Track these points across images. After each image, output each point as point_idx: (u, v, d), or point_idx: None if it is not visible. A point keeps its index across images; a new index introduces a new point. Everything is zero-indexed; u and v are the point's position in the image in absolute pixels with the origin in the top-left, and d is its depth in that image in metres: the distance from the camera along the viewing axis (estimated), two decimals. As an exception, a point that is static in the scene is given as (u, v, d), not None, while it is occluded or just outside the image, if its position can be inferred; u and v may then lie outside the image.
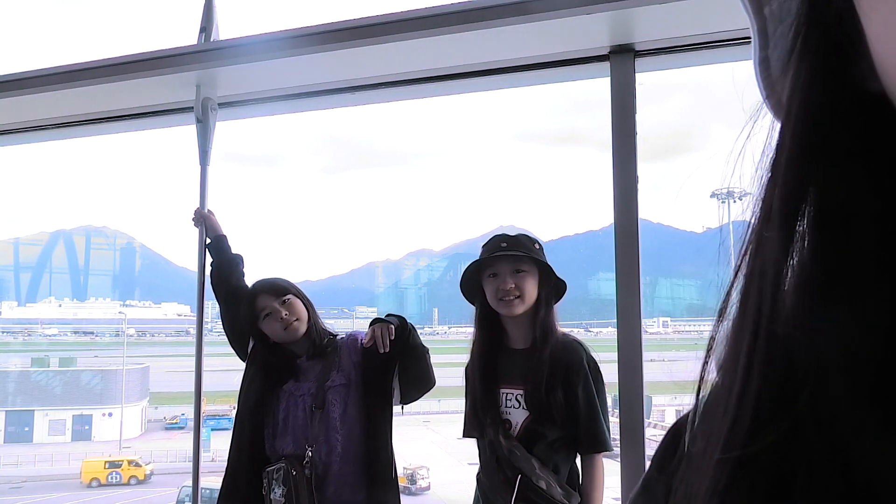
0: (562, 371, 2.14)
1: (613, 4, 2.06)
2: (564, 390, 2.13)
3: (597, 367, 2.19)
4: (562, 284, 2.26)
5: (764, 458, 0.31)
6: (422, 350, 2.41)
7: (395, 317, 2.42)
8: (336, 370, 2.41)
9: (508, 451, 2.13)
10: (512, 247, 2.21)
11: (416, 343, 2.40)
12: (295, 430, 2.37)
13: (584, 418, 2.12)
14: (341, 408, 2.37)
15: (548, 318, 2.21)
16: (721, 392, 0.34)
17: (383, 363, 2.38)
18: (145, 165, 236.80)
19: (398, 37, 2.28)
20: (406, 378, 2.42)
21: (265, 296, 2.46)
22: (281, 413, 2.41)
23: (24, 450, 29.69)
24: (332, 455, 2.33)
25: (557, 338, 2.21)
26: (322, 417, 2.36)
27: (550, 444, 2.13)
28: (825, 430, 0.30)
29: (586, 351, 2.21)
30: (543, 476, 2.08)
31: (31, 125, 3.18)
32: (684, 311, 75.86)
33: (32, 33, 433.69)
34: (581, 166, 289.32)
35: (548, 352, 2.16)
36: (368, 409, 2.40)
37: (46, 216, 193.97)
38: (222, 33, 2.72)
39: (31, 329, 64.16)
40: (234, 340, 2.60)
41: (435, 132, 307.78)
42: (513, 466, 2.11)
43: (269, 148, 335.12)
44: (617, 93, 2.32)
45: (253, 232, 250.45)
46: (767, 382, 0.31)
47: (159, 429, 34.08)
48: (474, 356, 2.29)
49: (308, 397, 2.39)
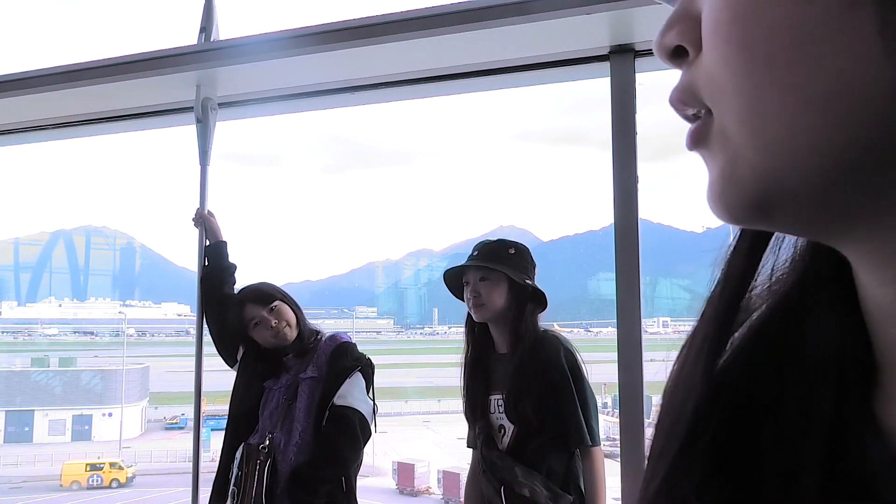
0: (534, 371, 2.17)
1: (613, 4, 2.06)
2: (542, 389, 2.15)
3: (575, 361, 2.20)
4: (538, 290, 2.29)
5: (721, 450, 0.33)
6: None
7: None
8: (312, 364, 2.44)
9: (491, 463, 2.18)
10: (480, 256, 2.29)
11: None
12: (267, 420, 2.41)
13: (565, 414, 2.14)
14: (308, 400, 2.38)
15: (519, 324, 2.23)
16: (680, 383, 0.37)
17: (335, 381, 2.40)
18: (145, 165, 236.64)
19: (398, 37, 2.28)
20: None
21: (252, 305, 2.49)
22: (261, 408, 2.45)
23: (24, 450, 29.71)
24: (289, 445, 2.34)
25: (535, 338, 2.22)
26: (289, 408, 2.39)
27: (540, 447, 2.14)
28: (816, 428, 0.30)
29: (564, 346, 2.22)
30: (527, 483, 2.10)
31: (31, 125, 3.18)
32: (684, 311, 75.91)
33: (32, 33, 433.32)
34: (581, 166, 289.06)
35: (518, 358, 2.19)
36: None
37: (46, 216, 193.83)
38: (222, 33, 2.72)
39: (31, 329, 64.15)
40: (221, 346, 2.63)
41: (435, 132, 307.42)
42: (497, 477, 2.15)
43: (269, 148, 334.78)
44: (617, 93, 2.32)
45: (253, 232, 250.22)
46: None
47: (159, 429, 34.12)
48: (463, 363, 2.36)
49: (283, 389, 2.43)
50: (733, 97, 0.28)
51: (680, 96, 0.31)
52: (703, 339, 0.35)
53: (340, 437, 2.34)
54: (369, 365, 2.48)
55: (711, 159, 0.30)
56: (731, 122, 0.28)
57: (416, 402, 37.87)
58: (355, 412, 2.37)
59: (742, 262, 0.35)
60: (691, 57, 0.31)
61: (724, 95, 0.28)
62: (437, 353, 46.89)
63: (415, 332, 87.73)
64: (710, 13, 0.29)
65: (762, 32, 0.26)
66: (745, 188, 0.28)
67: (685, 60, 0.31)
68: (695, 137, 0.31)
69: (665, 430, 0.36)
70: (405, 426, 32.26)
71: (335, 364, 2.42)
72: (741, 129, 0.28)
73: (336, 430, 2.34)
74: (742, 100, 0.27)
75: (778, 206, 0.28)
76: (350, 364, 2.43)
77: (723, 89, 0.28)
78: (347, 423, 2.35)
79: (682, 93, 0.31)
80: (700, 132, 0.30)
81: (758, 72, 0.26)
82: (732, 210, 0.29)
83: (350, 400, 2.37)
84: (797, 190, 0.27)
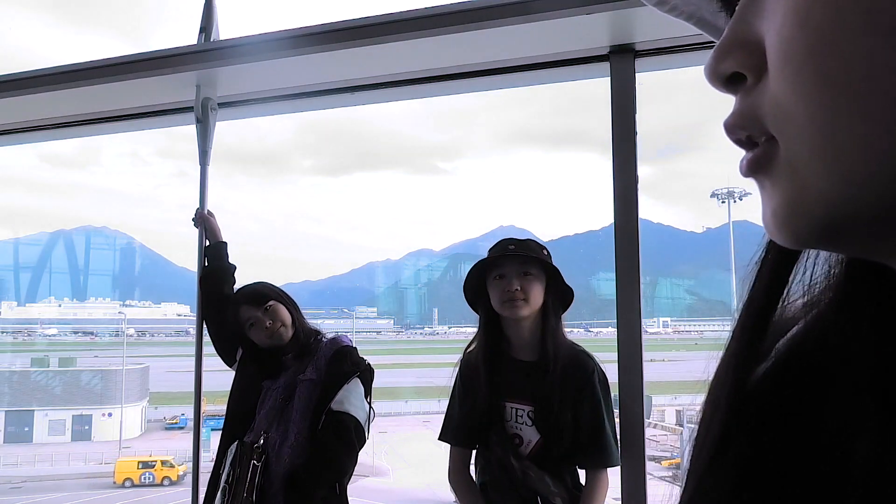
0: (571, 387, 2.08)
1: (613, 4, 2.06)
2: (573, 406, 2.07)
3: (606, 380, 2.13)
4: (569, 294, 2.20)
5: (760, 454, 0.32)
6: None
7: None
8: (312, 366, 2.43)
9: (522, 473, 2.05)
10: (520, 249, 2.16)
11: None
12: (263, 419, 2.41)
13: (590, 433, 2.07)
14: (305, 402, 2.37)
15: (558, 330, 2.15)
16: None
17: (332, 385, 2.39)
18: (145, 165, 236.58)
19: (398, 37, 2.28)
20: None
21: (247, 306, 2.49)
22: (259, 407, 2.45)
23: (24, 450, 29.70)
24: (284, 446, 2.34)
25: (571, 352, 2.14)
26: (286, 408, 2.38)
27: (559, 460, 2.08)
28: (827, 428, 0.30)
29: (596, 364, 2.14)
30: (558, 492, 2.04)
31: (31, 125, 3.18)
32: (684, 311, 75.88)
33: (32, 33, 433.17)
34: (581, 166, 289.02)
35: (559, 369, 2.08)
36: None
37: (46, 216, 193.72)
38: (222, 33, 2.72)
39: (31, 329, 64.13)
40: (220, 347, 2.63)
41: (435, 132, 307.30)
42: (528, 487, 2.05)
43: (269, 148, 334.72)
44: (617, 93, 2.32)
45: (253, 232, 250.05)
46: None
47: (159, 429, 34.11)
48: (477, 363, 2.19)
49: (281, 389, 2.42)
50: (805, 126, 0.28)
51: (739, 122, 0.31)
52: (732, 355, 0.36)
53: (336, 442, 2.33)
54: (368, 370, 2.46)
55: (774, 186, 0.30)
56: (802, 150, 0.28)
57: (415, 402, 37.84)
58: (351, 418, 2.35)
59: (770, 277, 0.35)
60: (750, 83, 0.30)
61: (793, 124, 0.28)
62: (437, 354, 46.85)
63: (415, 332, 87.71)
64: (781, 43, 0.28)
65: (840, 64, 0.26)
66: (815, 216, 0.28)
67: (742, 87, 0.31)
68: (754, 165, 0.31)
69: (698, 445, 0.36)
70: (405, 426, 32.26)
71: (334, 368, 2.41)
72: (813, 157, 0.28)
73: (332, 435, 2.33)
74: (815, 129, 0.27)
75: (848, 232, 0.28)
76: (349, 369, 2.42)
77: (793, 118, 0.28)
78: (343, 429, 2.34)
79: (741, 118, 0.31)
80: (761, 159, 0.30)
81: (834, 102, 0.26)
82: (799, 237, 0.29)
83: (347, 405, 2.36)
84: (871, 216, 0.27)
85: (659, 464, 22.52)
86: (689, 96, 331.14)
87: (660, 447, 24.54)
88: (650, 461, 6.25)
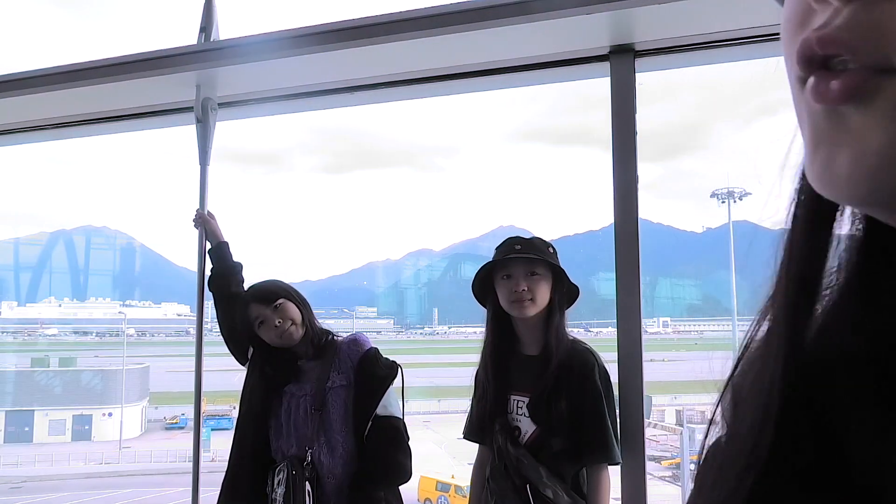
0: (570, 380, 2.11)
1: (613, 4, 2.06)
2: (572, 400, 2.10)
3: (607, 377, 2.15)
4: (574, 290, 2.23)
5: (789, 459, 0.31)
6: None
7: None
8: (336, 371, 2.40)
9: (516, 460, 2.10)
10: (526, 249, 2.18)
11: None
12: (297, 431, 2.37)
13: (590, 429, 2.09)
14: (342, 408, 2.35)
15: (561, 325, 2.19)
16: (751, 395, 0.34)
17: (370, 393, 2.38)
18: (145, 165, 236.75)
19: (398, 37, 2.28)
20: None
21: (256, 304, 2.45)
22: (283, 414, 2.40)
23: (24, 450, 29.69)
24: (334, 456, 2.32)
25: (568, 345, 2.17)
26: (322, 418, 2.35)
27: (557, 455, 2.10)
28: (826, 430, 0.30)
29: (598, 360, 2.16)
30: (551, 485, 2.06)
31: (31, 125, 3.18)
32: (684, 311, 75.87)
33: (32, 33, 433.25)
34: (581, 166, 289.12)
35: (556, 361, 2.13)
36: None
37: (46, 216, 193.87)
38: (222, 33, 2.72)
39: (31, 329, 64.11)
40: (233, 346, 2.60)
41: (435, 132, 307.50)
42: (520, 475, 2.09)
43: (269, 148, 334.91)
44: (617, 93, 2.32)
45: (253, 232, 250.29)
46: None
47: (159, 429, 34.08)
48: (486, 360, 2.25)
49: (309, 398, 2.38)
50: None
51: (847, 37, 0.25)
52: (777, 341, 0.32)
53: (392, 447, 2.34)
54: (401, 371, 2.47)
55: (868, 127, 0.25)
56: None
57: (416, 403, 37.84)
58: (399, 421, 2.39)
59: (806, 247, 0.31)
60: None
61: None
62: (437, 353, 46.86)
63: (415, 332, 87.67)
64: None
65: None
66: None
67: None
68: (853, 92, 0.25)
69: (739, 439, 0.33)
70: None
71: (367, 372, 2.38)
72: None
73: (387, 441, 2.34)
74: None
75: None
76: (385, 373, 2.41)
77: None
78: (396, 433, 2.36)
79: (855, 34, 0.25)
80: (862, 88, 0.25)
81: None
82: (877, 192, 0.25)
83: (392, 409, 2.38)
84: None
85: (659, 464, 22.50)
86: (689, 96, 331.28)
87: (660, 447, 24.52)
88: (650, 461, 6.25)
